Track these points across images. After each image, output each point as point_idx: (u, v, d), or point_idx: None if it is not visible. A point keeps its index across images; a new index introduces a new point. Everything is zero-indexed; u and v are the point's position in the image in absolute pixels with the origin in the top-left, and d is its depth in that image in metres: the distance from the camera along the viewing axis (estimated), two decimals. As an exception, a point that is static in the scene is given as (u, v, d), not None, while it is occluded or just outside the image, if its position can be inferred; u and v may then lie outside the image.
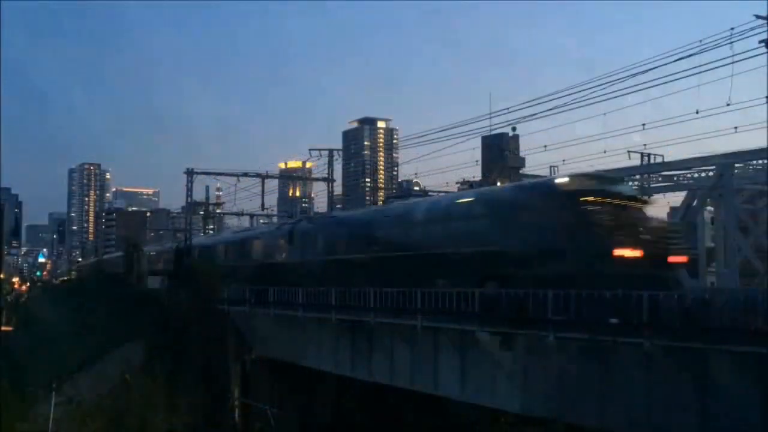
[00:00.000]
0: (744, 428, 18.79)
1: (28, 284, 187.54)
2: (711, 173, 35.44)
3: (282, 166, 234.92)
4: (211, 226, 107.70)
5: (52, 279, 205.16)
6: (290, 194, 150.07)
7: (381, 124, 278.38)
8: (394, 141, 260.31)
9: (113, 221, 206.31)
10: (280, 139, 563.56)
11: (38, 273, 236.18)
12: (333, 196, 67.37)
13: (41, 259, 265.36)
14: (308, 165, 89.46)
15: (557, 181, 29.15)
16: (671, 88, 32.98)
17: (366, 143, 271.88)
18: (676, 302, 21.11)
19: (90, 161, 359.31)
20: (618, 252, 24.54)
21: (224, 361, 45.77)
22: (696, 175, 38.59)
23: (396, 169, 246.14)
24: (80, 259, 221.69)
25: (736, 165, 33.84)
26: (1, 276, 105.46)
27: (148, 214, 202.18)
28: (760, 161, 35.08)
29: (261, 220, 78.72)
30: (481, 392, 27.20)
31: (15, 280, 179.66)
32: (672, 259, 26.15)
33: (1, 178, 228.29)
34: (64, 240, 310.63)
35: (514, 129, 45.13)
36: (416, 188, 79.19)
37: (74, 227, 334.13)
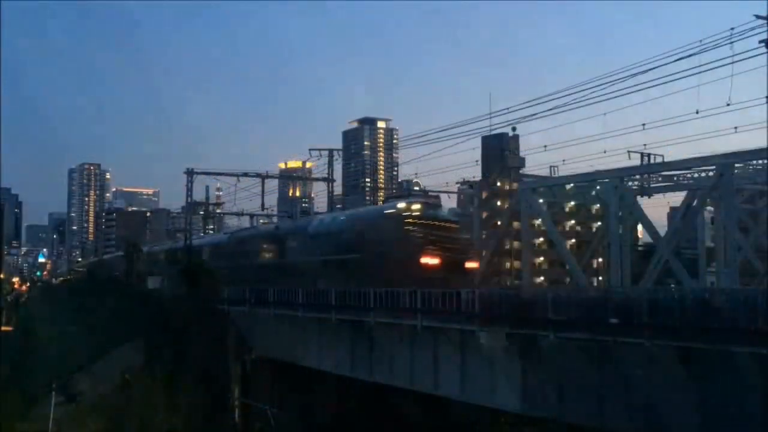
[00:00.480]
0: (744, 428, 18.80)
1: (28, 284, 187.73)
2: (711, 173, 35.32)
3: (282, 166, 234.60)
4: (211, 226, 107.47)
5: (52, 279, 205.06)
6: (290, 194, 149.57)
7: (381, 124, 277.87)
8: (394, 141, 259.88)
9: (113, 221, 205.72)
10: (280, 139, 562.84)
11: (38, 273, 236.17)
12: (333, 196, 67.40)
13: (41, 259, 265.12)
14: (308, 165, 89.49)
15: (395, 206, 39.91)
16: (671, 88, 32.73)
17: (366, 143, 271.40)
18: (676, 302, 21.13)
19: (90, 161, 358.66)
20: (423, 260, 34.67)
21: (224, 361, 45.78)
22: (696, 175, 38.47)
23: (396, 169, 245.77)
24: (80, 259, 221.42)
25: (736, 165, 33.69)
26: (1, 276, 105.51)
27: (148, 214, 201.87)
28: (760, 161, 34.91)
29: (261, 220, 78.59)
30: (481, 392, 27.23)
31: (15, 280, 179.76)
32: (468, 265, 35.49)
33: (1, 178, 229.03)
34: (64, 240, 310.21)
35: (514, 129, 45.07)
36: (416, 188, 78.98)
37: (74, 227, 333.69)
